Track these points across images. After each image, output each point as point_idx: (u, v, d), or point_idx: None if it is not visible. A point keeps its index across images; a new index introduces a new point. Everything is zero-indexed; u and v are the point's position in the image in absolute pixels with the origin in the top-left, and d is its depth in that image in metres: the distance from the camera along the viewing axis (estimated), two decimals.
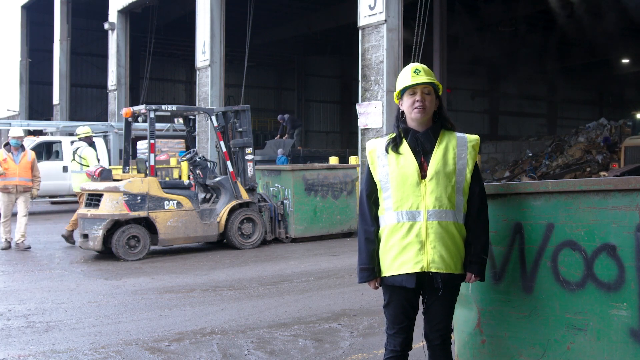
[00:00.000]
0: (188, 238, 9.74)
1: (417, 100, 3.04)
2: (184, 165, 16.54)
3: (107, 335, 5.26)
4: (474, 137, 3.12)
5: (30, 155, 10.21)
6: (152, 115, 9.67)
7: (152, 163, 9.53)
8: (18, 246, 9.96)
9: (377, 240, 3.09)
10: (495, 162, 24.83)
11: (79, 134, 11.18)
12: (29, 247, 10.03)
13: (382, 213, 3.09)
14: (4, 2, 31.95)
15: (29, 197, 10.20)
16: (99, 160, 11.00)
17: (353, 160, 12.93)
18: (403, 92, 3.10)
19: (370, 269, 3.08)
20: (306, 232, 11.01)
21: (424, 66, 3.12)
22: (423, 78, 3.05)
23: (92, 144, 11.08)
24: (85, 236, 9.17)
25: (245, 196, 10.25)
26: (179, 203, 9.58)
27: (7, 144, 10.21)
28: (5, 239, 10.09)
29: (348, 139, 34.44)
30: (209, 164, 10.53)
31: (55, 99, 27.87)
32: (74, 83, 29.58)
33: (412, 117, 3.07)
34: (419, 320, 3.14)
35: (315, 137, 35.82)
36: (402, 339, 3.09)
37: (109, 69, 24.12)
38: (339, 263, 8.77)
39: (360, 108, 12.93)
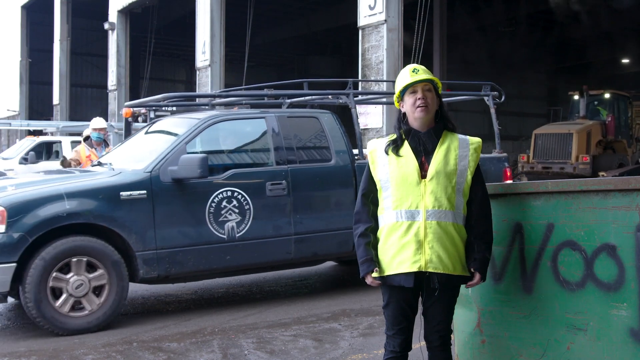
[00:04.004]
0: None
1: (419, 98, 3.02)
2: None
3: (107, 335, 5.26)
4: (476, 140, 3.10)
5: None
6: (152, 115, 9.66)
7: None
8: None
9: (371, 235, 3.10)
10: None
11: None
12: None
13: (381, 212, 3.09)
14: (4, 2, 31.98)
15: None
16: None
17: None
18: (403, 93, 3.08)
19: (369, 259, 3.07)
20: None
21: (422, 66, 3.10)
22: (422, 76, 3.03)
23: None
24: None
25: None
26: None
27: (87, 138, 9.18)
28: None
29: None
30: None
31: (55, 99, 27.86)
32: (74, 83, 29.55)
33: (415, 117, 3.05)
34: (419, 320, 3.14)
35: None
36: (402, 340, 3.09)
37: (109, 69, 24.11)
38: (338, 263, 8.76)
39: (360, 108, 12.91)
